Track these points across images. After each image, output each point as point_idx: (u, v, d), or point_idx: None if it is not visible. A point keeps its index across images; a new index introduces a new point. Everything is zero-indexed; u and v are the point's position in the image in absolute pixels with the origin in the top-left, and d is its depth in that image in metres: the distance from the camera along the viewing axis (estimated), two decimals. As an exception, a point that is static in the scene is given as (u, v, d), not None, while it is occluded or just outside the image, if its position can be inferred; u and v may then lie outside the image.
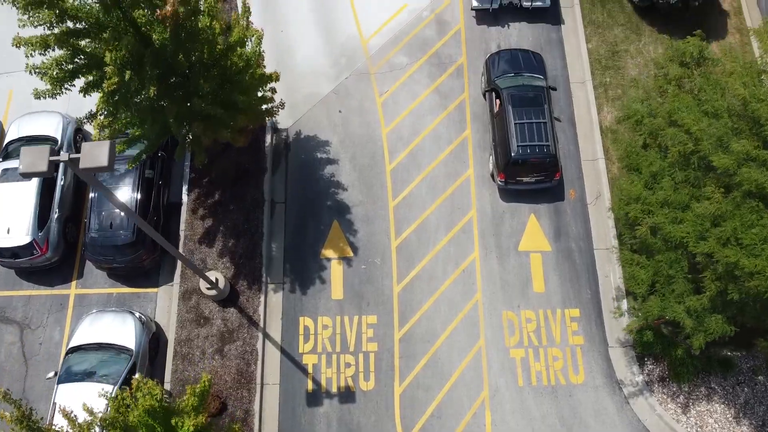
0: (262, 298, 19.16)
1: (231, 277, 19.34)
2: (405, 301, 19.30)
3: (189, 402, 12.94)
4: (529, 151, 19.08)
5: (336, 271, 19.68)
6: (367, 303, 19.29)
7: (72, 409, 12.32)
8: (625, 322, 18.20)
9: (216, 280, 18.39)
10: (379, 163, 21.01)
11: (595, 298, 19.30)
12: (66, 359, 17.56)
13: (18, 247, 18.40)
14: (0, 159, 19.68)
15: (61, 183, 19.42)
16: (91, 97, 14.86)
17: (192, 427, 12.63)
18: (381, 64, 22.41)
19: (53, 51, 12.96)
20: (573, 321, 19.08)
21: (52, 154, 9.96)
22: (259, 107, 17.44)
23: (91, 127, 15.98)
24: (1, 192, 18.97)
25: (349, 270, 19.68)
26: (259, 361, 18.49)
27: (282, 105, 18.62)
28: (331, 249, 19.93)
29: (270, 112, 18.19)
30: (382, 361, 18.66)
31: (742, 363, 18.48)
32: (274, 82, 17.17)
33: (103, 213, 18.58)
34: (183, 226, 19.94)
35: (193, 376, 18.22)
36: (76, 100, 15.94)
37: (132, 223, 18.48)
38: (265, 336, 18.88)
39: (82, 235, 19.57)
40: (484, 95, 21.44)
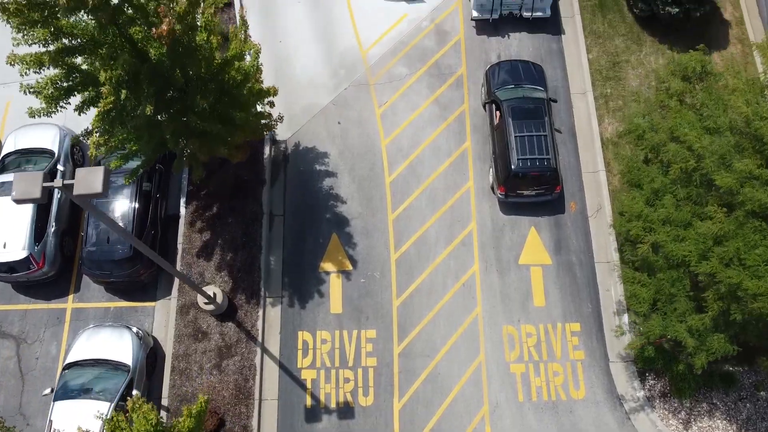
0: (261, 312, 19.01)
1: (229, 290, 19.19)
2: (404, 315, 19.15)
3: (185, 424, 12.80)
4: (530, 164, 18.92)
5: (335, 285, 19.53)
6: (366, 317, 19.15)
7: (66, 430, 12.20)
8: (626, 339, 18.05)
9: (214, 294, 18.25)
10: (379, 175, 20.85)
11: (595, 312, 19.14)
12: (62, 375, 17.42)
13: (14, 262, 18.26)
14: (-4, 172, 19.54)
15: (58, 196, 19.28)
16: (88, 111, 14.70)
17: (189, 450, 12.52)
18: (380, 74, 22.24)
19: (48, 69, 12.80)
20: (574, 335, 18.93)
21: (46, 179, 9.81)
22: (257, 123, 17.27)
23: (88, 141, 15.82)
24: (-3, 206, 18.79)
25: (348, 283, 19.53)
26: (258, 377, 18.35)
27: (280, 119, 18.46)
28: (330, 262, 19.78)
29: (268, 126, 18.03)
30: (381, 376, 18.51)
31: (744, 378, 18.32)
32: (272, 96, 17.01)
33: (101, 227, 18.43)
34: (181, 239, 19.79)
35: (191, 392, 18.08)
36: (72, 112, 15.75)
37: (129, 237, 18.37)
38: (264, 351, 18.73)
39: (79, 249, 19.41)
40: (484, 107, 21.28)
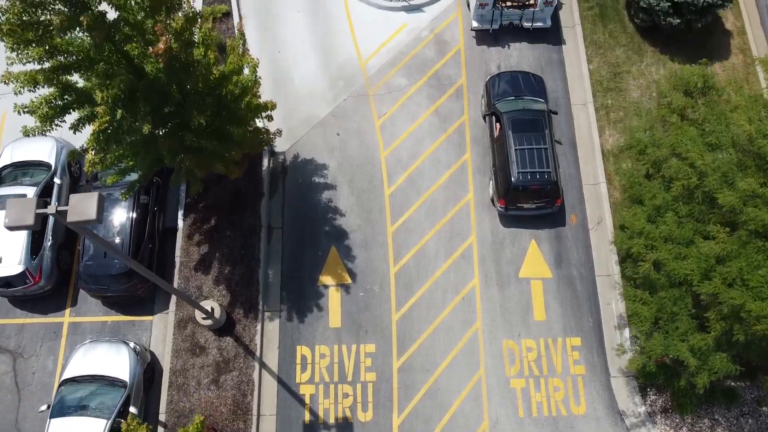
0: (259, 327, 18.86)
1: (227, 304, 19.04)
2: (404, 330, 19.00)
3: (182, 446, 12.67)
4: (530, 177, 18.77)
5: (334, 299, 19.38)
6: (365, 331, 18.99)
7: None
8: (628, 356, 17.88)
9: (212, 309, 18.08)
10: (378, 187, 20.70)
11: (596, 327, 19.00)
12: (59, 391, 17.25)
13: (11, 277, 18.11)
14: (-7, 185, 19.38)
15: (55, 209, 19.10)
16: (84, 129, 14.55)
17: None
18: (379, 85, 22.09)
19: (42, 88, 12.65)
20: (574, 350, 18.78)
21: (39, 206, 9.67)
22: (255, 138, 17.12)
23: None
24: (-7, 219, 18.65)
25: (347, 297, 19.39)
26: (256, 392, 18.20)
27: (279, 132, 18.33)
28: (329, 275, 19.63)
29: (266, 141, 17.88)
30: (380, 391, 18.37)
31: (746, 394, 18.19)
32: (270, 111, 16.86)
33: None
34: (179, 253, 19.64)
35: (189, 407, 17.93)
36: (71, 118, 15.50)
37: (126, 251, 18.23)
38: (262, 365, 18.58)
39: (76, 263, 19.26)
40: (484, 118, 21.13)
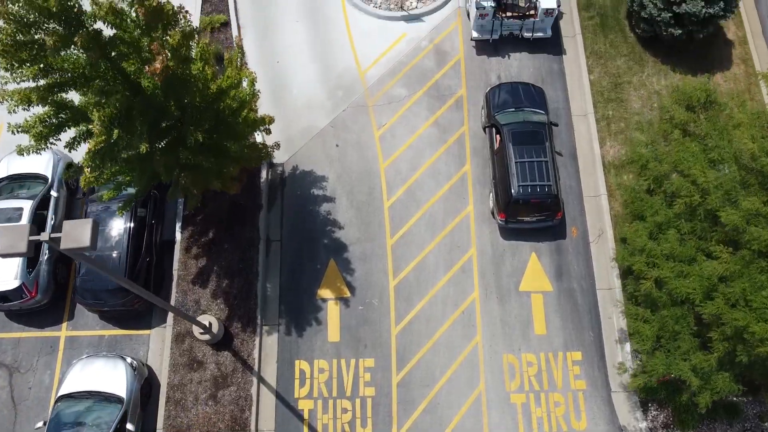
0: (257, 341, 18.71)
1: (225, 318, 18.89)
2: (403, 344, 18.84)
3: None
4: (531, 191, 18.62)
5: (333, 312, 19.23)
6: (364, 345, 18.84)
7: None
8: (630, 371, 17.68)
9: (210, 324, 17.95)
10: (377, 199, 20.54)
11: (597, 341, 18.84)
12: (55, 408, 17.09)
13: (7, 291, 17.95)
14: (-12, 198, 19.22)
15: (52, 223, 18.96)
16: (79, 147, 14.41)
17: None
18: (379, 96, 21.93)
19: (36, 107, 12.49)
20: (575, 364, 18.63)
21: (32, 233, 9.51)
22: (253, 154, 16.96)
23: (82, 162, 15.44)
24: (-11, 233, 18.48)
25: (346, 311, 19.23)
26: (254, 407, 18.04)
27: (277, 146, 18.18)
28: (328, 289, 19.47)
29: (266, 155, 17.72)
30: (379, 406, 18.21)
31: (749, 409, 18.03)
32: (268, 125, 16.71)
33: (94, 255, 18.11)
34: (176, 266, 19.48)
35: (186, 423, 17.78)
36: (66, 135, 15.38)
37: (123, 265, 18.10)
38: (260, 380, 18.43)
39: (73, 276, 19.11)
40: (484, 129, 20.97)
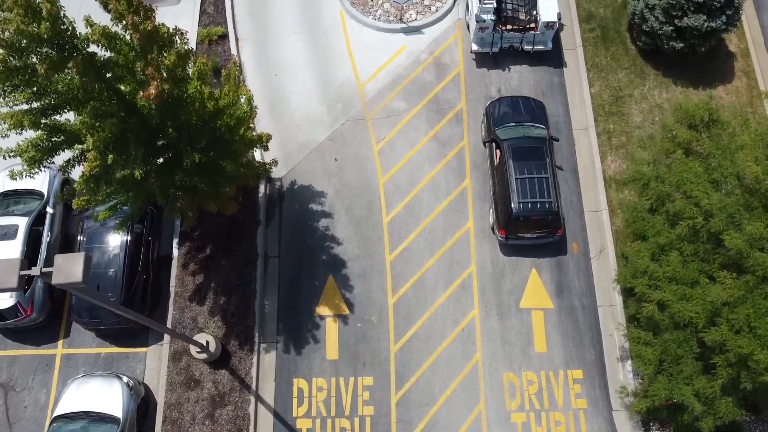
0: (255, 359, 18.53)
1: (222, 336, 18.70)
2: (402, 362, 18.65)
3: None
4: (531, 207, 18.43)
5: (331, 330, 19.04)
6: (363, 363, 18.65)
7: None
8: (631, 396, 17.50)
9: (207, 343, 17.76)
10: (376, 215, 20.35)
11: (599, 359, 18.64)
12: (51, 428, 16.92)
13: (2, 310, 17.77)
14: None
15: (47, 240, 18.78)
16: (74, 169, 14.25)
17: None
18: (378, 110, 21.73)
19: (28, 131, 12.32)
20: (576, 383, 18.43)
21: (23, 267, 9.33)
22: (249, 172, 16.78)
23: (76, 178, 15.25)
24: (-16, 250, 18.29)
25: (345, 328, 19.04)
26: (251, 427, 17.86)
27: (275, 162, 18.00)
28: (326, 306, 19.29)
29: (264, 173, 17.54)
30: (378, 425, 18.02)
31: (752, 428, 17.82)
32: (265, 143, 16.53)
33: (90, 273, 17.88)
34: (173, 282, 19.30)
35: (183, 443, 17.62)
36: (60, 158, 15.23)
37: (120, 283, 17.93)
38: (258, 399, 18.24)
39: (69, 294, 18.90)
40: (484, 144, 20.78)
